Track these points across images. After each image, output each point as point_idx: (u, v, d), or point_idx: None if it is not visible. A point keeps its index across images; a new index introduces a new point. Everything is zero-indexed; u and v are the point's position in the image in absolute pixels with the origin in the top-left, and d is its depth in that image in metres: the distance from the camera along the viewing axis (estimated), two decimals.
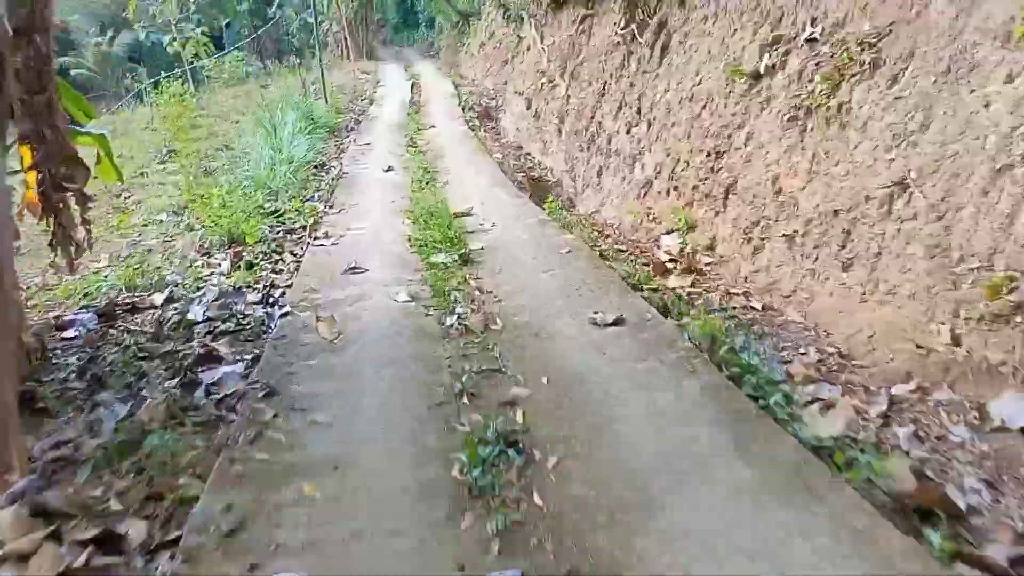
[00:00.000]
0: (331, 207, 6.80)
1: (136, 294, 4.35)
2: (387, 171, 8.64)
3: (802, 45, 4.97)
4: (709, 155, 5.75)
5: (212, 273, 4.75)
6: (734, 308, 4.30)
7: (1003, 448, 2.61)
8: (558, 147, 9.56)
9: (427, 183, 7.77)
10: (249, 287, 4.40)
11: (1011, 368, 2.93)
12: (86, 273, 4.89)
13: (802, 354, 3.59)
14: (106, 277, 4.67)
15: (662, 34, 6.82)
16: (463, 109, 14.25)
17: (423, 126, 12.25)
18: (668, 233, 5.86)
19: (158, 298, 4.23)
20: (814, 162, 4.60)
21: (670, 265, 5.35)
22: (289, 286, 4.43)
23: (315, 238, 5.60)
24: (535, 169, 9.81)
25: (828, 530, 2.10)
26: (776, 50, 5.22)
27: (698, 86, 6.16)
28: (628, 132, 7.34)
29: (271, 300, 4.13)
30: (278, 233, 5.84)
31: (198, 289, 4.39)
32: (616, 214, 7.33)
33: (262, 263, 4.99)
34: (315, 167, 9.31)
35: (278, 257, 5.16)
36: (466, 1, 23.81)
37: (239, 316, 3.86)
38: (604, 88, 7.99)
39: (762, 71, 5.32)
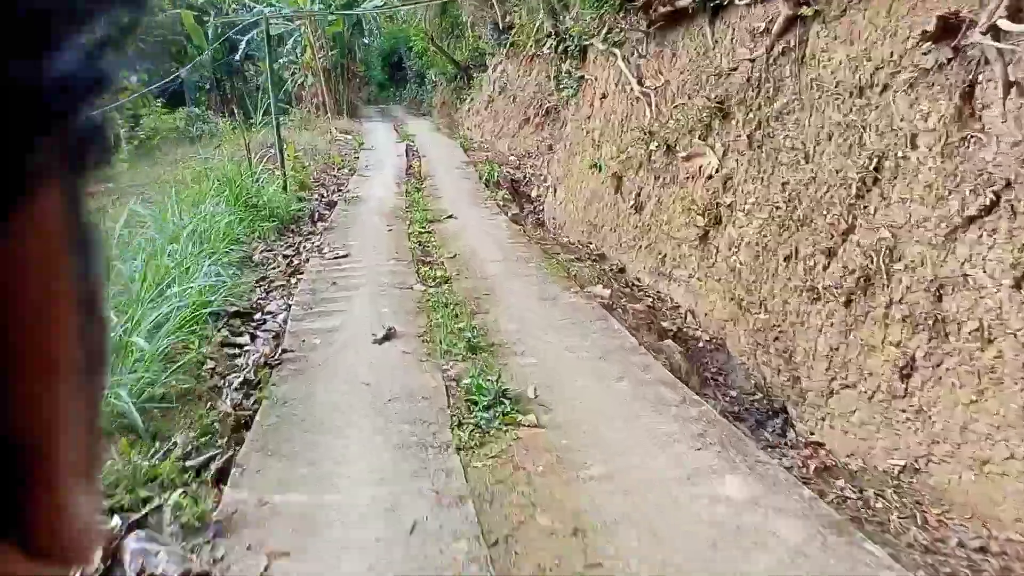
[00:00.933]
0: (223, 545, 2.08)
1: None
2: (382, 341, 3.98)
3: None
4: None
5: None
6: None
7: None
8: (702, 270, 5.04)
9: (501, 415, 3.07)
10: None
11: None
12: None
13: None
14: None
15: None
16: (486, 184, 9.78)
17: (436, 215, 7.67)
18: None
19: None
20: None
21: None
22: None
23: None
24: (662, 312, 5.22)
25: None
26: None
27: None
28: (1022, 286, 2.81)
29: None
30: None
31: None
32: (1015, 509, 2.74)
33: None
34: (234, 315, 4.66)
35: None
36: (465, 51, 19.94)
37: None
38: (897, 167, 3.51)
39: None
